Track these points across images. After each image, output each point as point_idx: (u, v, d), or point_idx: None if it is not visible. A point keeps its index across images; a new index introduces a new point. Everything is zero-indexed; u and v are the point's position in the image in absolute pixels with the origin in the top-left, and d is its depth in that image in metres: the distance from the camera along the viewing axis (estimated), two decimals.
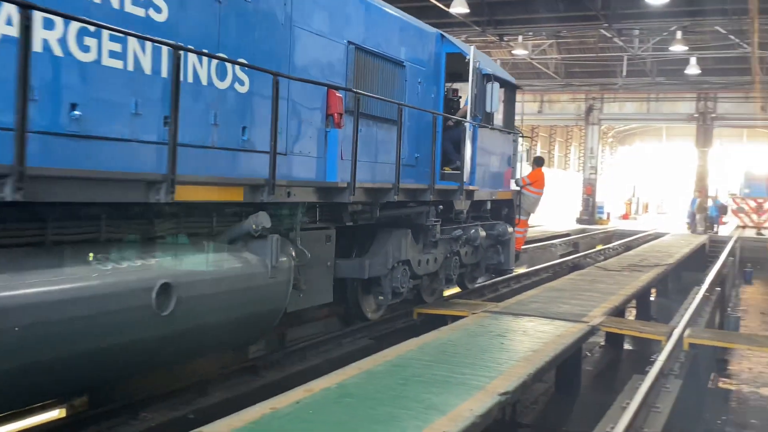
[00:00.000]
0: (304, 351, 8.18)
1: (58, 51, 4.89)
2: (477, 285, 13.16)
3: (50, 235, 5.04)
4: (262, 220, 6.51)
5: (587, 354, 12.50)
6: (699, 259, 24.80)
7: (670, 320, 10.99)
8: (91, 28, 4.98)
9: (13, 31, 4.40)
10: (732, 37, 27.10)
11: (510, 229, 12.95)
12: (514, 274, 15.06)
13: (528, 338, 8.24)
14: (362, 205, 8.36)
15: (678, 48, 26.99)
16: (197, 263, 5.95)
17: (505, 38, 29.26)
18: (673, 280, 20.58)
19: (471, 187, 10.79)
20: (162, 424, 6.12)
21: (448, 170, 10.63)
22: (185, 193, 5.56)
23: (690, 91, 36.95)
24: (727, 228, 38.88)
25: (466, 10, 23.50)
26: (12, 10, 4.45)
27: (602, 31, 27.85)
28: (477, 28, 26.79)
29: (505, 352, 7.47)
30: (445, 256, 10.91)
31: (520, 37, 29.20)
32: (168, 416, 6.23)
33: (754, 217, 42.24)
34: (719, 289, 15.18)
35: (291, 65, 7.11)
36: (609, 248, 24.82)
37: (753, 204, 42.61)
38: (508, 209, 13.22)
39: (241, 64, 6.34)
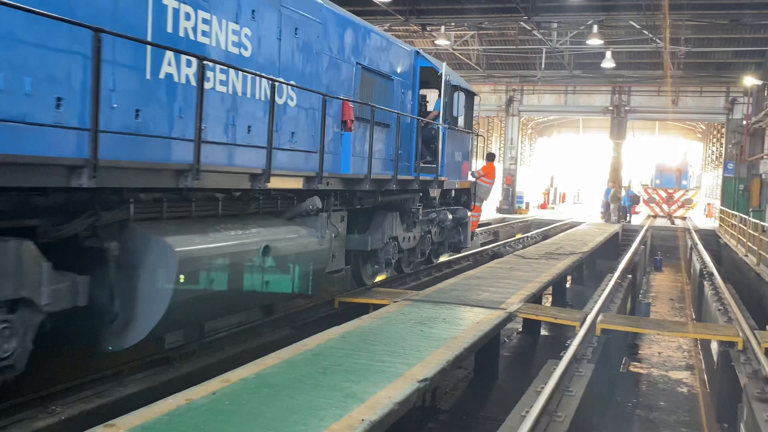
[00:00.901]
0: (222, 341, 8.03)
1: (180, 78, 6.62)
2: (440, 260, 15.88)
3: (194, 210, 7.13)
4: (316, 202, 8.87)
5: (505, 340, 12.75)
6: (612, 247, 25.60)
7: (584, 306, 11.30)
8: (210, 64, 6.79)
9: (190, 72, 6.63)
10: (645, 32, 28.00)
11: (468, 214, 15.43)
12: (435, 263, 15.37)
13: (448, 325, 8.33)
14: (368, 192, 10.61)
15: (594, 42, 27.72)
16: (280, 232, 8.12)
17: (428, 28, 29.46)
18: (588, 267, 21.20)
19: (442, 178, 13.00)
20: (73, 417, 5.90)
21: (421, 164, 12.27)
22: (275, 182, 7.86)
23: (605, 85, 38.06)
24: (639, 217, 40.28)
25: None
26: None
27: (522, 23, 28.35)
28: (400, 17, 26.86)
29: (425, 340, 7.53)
30: (422, 234, 13.37)
31: (443, 28, 29.44)
32: (79, 409, 6.01)
33: (665, 206, 43.90)
34: (631, 276, 15.69)
35: (319, 83, 9.02)
36: (527, 237, 25.34)
37: (664, 194, 44.27)
38: (466, 197, 15.58)
39: (302, 88, 8.48)
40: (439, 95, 13.15)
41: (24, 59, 4.98)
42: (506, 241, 21.93)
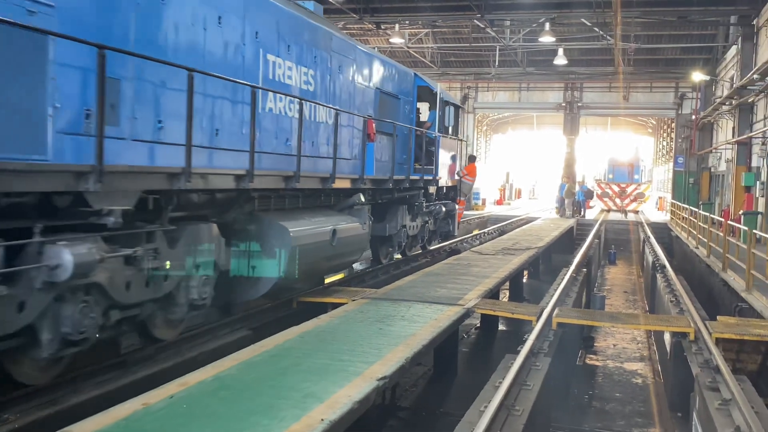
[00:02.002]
0: (179, 344, 7.94)
1: (276, 110, 9.18)
2: (433, 246, 18.29)
3: (287, 204, 9.99)
4: (361, 198, 11.96)
5: (464, 336, 12.84)
6: (567, 241, 25.96)
7: (541, 301, 11.43)
8: (283, 95, 9.25)
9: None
10: (596, 29, 28.43)
11: (456, 207, 18.41)
12: (393, 261, 15.49)
13: (406, 323, 8.36)
14: (388, 189, 13.55)
15: (546, 39, 28.04)
16: (339, 220, 10.92)
17: (382, 26, 29.49)
18: (544, 262, 21.47)
19: (438, 178, 16.29)
20: (27, 425, 5.78)
21: (418, 166, 14.89)
22: (338, 183, 10.82)
23: (558, 81, 38.56)
24: (593, 212, 40.91)
25: None
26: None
27: (476, 21, 28.55)
28: (354, 15, 26.83)
29: (383, 338, 7.55)
30: (422, 224, 16.09)
31: (397, 26, 29.50)
32: (33, 416, 5.88)
33: (618, 201, 44.65)
34: (586, 270, 15.93)
35: (353, 105, 11.72)
36: (484, 233, 25.54)
37: (617, 189, 45.02)
38: (453, 192, 18.55)
39: (350, 113, 11.48)
40: (430, 108, 16.12)
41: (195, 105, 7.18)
42: (463, 237, 22.07)
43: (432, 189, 16.25)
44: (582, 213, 35.69)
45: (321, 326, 8.06)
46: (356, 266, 14.87)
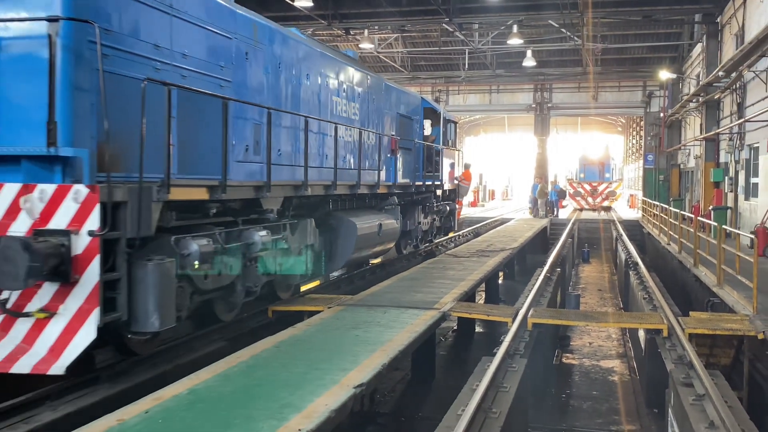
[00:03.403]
0: (153, 358, 7.85)
1: (342, 136, 12.12)
2: (437, 240, 21.37)
3: (347, 205, 13.17)
4: (396, 200, 15.38)
5: (441, 339, 12.88)
6: (541, 241, 26.14)
7: (516, 302, 11.48)
8: (347, 126, 12.44)
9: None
10: (564, 30, 28.68)
11: (456, 206, 21.92)
12: (369, 266, 15.55)
13: (383, 329, 8.35)
14: (408, 194, 16.81)
15: (515, 41, 28.23)
16: (381, 218, 14.05)
17: (351, 32, 29.51)
18: (519, 262, 21.59)
19: (442, 182, 19.41)
20: None
21: (427, 173, 17.76)
22: (381, 189, 14.21)
23: (528, 83, 38.83)
24: (566, 211, 41.24)
25: (309, 3, 23.46)
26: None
27: (444, 25, 28.67)
28: (323, 21, 26.82)
29: (360, 345, 7.54)
30: (431, 221, 19.16)
31: (366, 31, 29.55)
32: None
33: (590, 199, 45.06)
34: (560, 269, 16.04)
35: (382, 127, 14.56)
36: (459, 235, 25.62)
37: (588, 188, 45.43)
38: (453, 194, 21.66)
39: (385, 134, 14.66)
40: (433, 124, 19.55)
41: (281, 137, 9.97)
42: (439, 240, 22.12)
43: (438, 192, 19.50)
44: (555, 213, 35.95)
45: (297, 335, 8.03)
46: (334, 274, 14.95)
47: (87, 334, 5.99)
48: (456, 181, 21.65)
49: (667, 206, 23.83)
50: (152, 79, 6.73)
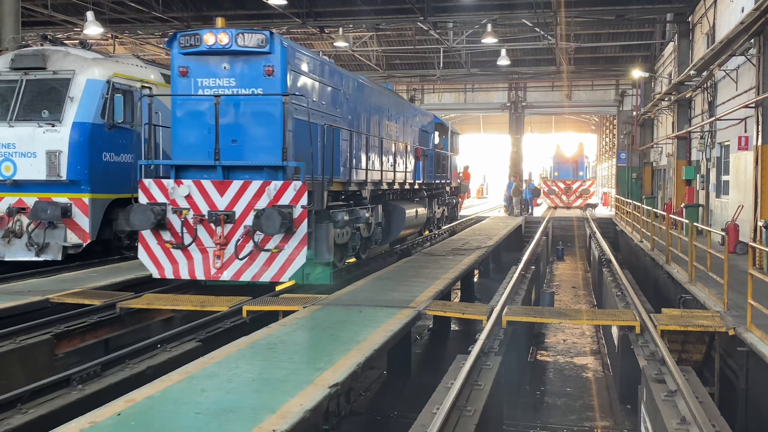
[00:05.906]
0: (125, 359, 7.78)
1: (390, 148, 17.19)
2: (445, 226, 25.58)
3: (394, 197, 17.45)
4: (424, 194, 20.39)
5: (417, 337, 12.89)
6: (516, 239, 26.27)
7: (491, 299, 11.51)
8: (395, 142, 17.62)
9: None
10: (537, 29, 28.84)
11: (458, 200, 28.18)
12: (344, 265, 15.50)
13: (358, 328, 8.33)
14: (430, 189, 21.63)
15: (489, 40, 28.31)
16: (417, 205, 18.40)
17: (326, 30, 29.44)
18: (494, 260, 21.67)
19: (449, 181, 24.43)
20: None
21: (438, 174, 22.36)
22: (417, 185, 19.51)
23: (502, 82, 39.03)
24: (540, 209, 41.49)
25: (284, 2, 23.37)
26: None
27: (419, 24, 28.71)
28: (297, 20, 26.74)
29: (335, 344, 7.51)
30: (442, 211, 23.92)
31: (341, 30, 29.50)
32: None
33: (564, 197, 45.38)
34: (534, 267, 16.13)
35: (413, 140, 19.38)
36: (434, 234, 25.65)
37: (562, 186, 45.74)
38: (457, 190, 26.91)
39: (418, 147, 20.06)
40: (440, 135, 23.63)
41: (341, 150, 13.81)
42: (414, 239, 22.14)
43: (447, 188, 24.34)
44: (530, 210, 36.16)
45: (272, 335, 7.98)
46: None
47: (300, 261, 10.83)
48: (459, 180, 27.17)
49: (639, 204, 24.06)
50: (331, 124, 12.39)
